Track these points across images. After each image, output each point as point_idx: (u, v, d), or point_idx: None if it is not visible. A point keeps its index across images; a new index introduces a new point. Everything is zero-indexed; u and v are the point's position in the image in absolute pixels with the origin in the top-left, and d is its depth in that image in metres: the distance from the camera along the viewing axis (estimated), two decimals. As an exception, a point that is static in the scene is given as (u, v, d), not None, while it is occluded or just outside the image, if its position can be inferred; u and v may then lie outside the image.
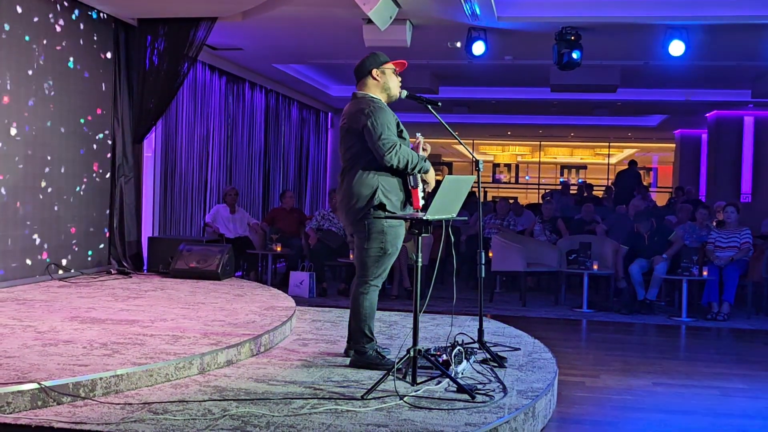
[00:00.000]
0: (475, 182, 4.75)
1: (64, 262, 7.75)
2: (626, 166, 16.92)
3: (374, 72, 4.69)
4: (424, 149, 4.75)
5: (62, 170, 7.70)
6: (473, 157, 5.09)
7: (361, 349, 4.72)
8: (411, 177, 4.60)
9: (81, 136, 7.99)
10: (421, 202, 4.66)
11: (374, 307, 4.71)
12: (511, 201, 12.62)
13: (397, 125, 4.62)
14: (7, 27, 6.88)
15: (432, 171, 4.69)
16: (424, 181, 4.70)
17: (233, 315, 5.93)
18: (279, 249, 9.88)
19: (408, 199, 4.65)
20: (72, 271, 7.82)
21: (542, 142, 28.78)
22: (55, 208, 7.63)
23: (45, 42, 7.37)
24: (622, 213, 11.66)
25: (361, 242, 4.64)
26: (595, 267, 9.04)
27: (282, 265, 11.25)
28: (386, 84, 4.71)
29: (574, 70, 8.75)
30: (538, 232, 10.62)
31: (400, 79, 4.80)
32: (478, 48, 8.58)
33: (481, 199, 5.34)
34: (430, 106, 4.89)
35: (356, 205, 4.57)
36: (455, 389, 4.19)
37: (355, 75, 4.76)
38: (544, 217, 10.95)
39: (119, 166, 8.53)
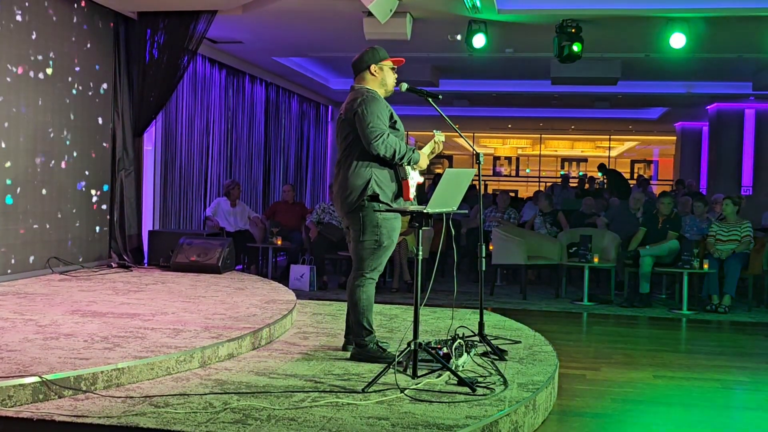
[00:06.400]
0: (475, 175, 4.75)
1: (64, 255, 7.75)
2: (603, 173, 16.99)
3: (372, 68, 4.71)
4: (435, 142, 4.78)
5: (62, 164, 7.70)
6: (474, 150, 5.08)
7: (361, 342, 4.72)
8: (400, 168, 4.61)
9: (80, 129, 7.98)
10: (413, 193, 4.67)
11: (372, 300, 4.71)
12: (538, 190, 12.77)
13: (391, 116, 4.63)
14: (6, 20, 6.87)
15: (423, 160, 4.70)
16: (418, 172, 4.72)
17: (234, 308, 5.94)
18: (279, 242, 9.88)
19: (400, 190, 4.65)
20: (72, 264, 7.82)
21: (543, 135, 28.77)
22: (55, 202, 7.63)
23: (44, 35, 7.35)
24: (622, 205, 11.65)
25: (356, 235, 4.65)
26: (596, 260, 9.04)
27: (282, 259, 11.25)
28: (384, 80, 4.75)
29: (575, 62, 8.74)
30: (538, 225, 10.61)
31: (396, 75, 4.82)
32: (479, 41, 8.57)
33: (482, 192, 5.34)
34: (430, 99, 4.89)
35: (350, 196, 4.59)
36: (456, 382, 4.20)
37: (353, 68, 4.79)
38: (542, 210, 10.95)
39: (119, 160, 8.52)
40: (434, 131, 4.85)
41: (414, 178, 4.69)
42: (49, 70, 7.44)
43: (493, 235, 9.70)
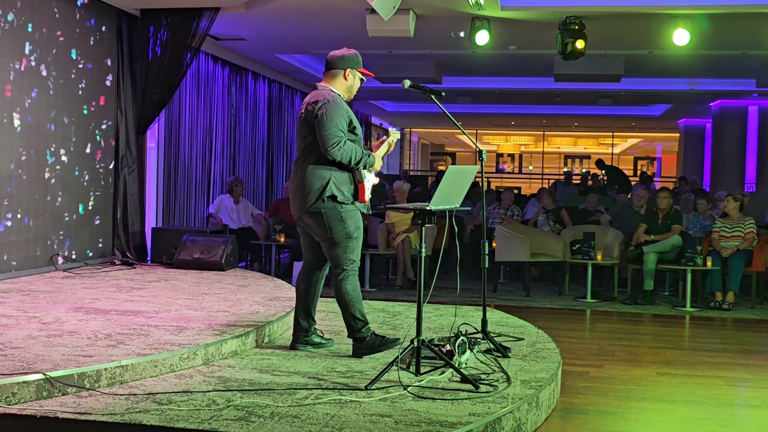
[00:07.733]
0: (478, 172, 4.75)
1: (68, 252, 7.76)
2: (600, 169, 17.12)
3: (348, 71, 4.75)
4: (389, 144, 4.83)
5: (65, 161, 7.71)
6: (477, 147, 5.08)
7: (358, 336, 4.74)
8: (357, 172, 4.64)
9: (84, 127, 7.99)
10: (368, 195, 4.72)
11: (358, 291, 4.73)
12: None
13: (350, 122, 4.64)
14: (10, 17, 6.87)
15: (378, 162, 4.73)
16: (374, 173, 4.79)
17: (237, 305, 5.94)
18: (282, 239, 9.88)
19: (357, 192, 4.66)
20: (76, 261, 7.83)
21: (546, 132, 28.76)
22: (59, 199, 7.64)
23: (47, 32, 7.36)
24: (625, 203, 11.64)
25: (324, 234, 4.66)
26: (599, 257, 9.03)
27: (285, 256, 11.26)
28: (351, 86, 4.80)
29: (578, 59, 8.72)
30: (541, 222, 10.60)
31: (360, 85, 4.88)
32: (482, 38, 8.56)
33: (485, 189, 5.34)
34: (433, 96, 4.89)
35: (309, 196, 4.61)
36: (459, 379, 4.20)
37: (327, 64, 4.79)
38: (546, 207, 10.93)
39: (122, 157, 8.53)
40: (390, 130, 4.90)
41: (370, 180, 4.74)
42: (51, 67, 7.44)
43: (497, 232, 9.69)
